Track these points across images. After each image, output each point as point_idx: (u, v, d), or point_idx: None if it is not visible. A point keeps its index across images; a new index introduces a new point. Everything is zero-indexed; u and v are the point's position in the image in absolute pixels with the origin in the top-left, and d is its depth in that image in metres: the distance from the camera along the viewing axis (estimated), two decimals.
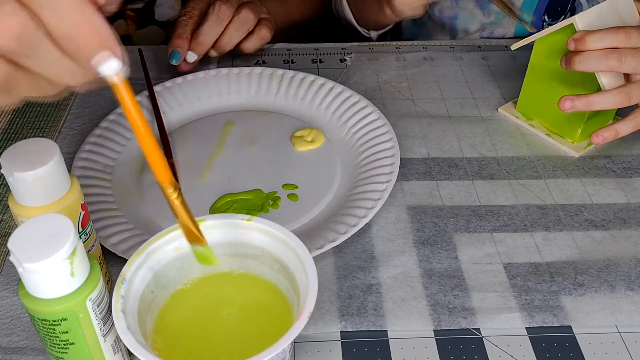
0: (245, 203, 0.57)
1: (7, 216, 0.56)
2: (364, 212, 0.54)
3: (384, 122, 0.63)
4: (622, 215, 0.57)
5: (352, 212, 0.54)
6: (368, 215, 0.53)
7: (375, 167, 0.59)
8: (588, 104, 0.57)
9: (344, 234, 0.51)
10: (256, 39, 0.72)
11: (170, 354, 0.38)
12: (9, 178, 0.39)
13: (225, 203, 0.56)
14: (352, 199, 0.56)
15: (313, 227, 0.54)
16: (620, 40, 0.54)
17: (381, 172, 0.58)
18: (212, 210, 0.56)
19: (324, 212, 0.56)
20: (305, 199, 0.57)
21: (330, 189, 0.58)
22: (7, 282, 0.50)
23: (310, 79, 0.70)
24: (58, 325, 0.36)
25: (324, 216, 0.56)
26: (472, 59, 0.78)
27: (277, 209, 0.56)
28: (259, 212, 0.55)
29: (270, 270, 0.42)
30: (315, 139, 0.63)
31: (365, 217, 0.53)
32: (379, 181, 0.57)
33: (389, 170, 0.58)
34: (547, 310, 0.48)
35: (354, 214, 0.54)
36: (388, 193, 0.55)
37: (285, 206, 0.57)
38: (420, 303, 0.49)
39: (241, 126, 0.66)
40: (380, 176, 0.58)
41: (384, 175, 0.57)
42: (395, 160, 0.59)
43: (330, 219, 0.54)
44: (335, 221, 0.54)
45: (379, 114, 0.64)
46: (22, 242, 0.34)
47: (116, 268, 0.51)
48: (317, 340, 0.47)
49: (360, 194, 0.56)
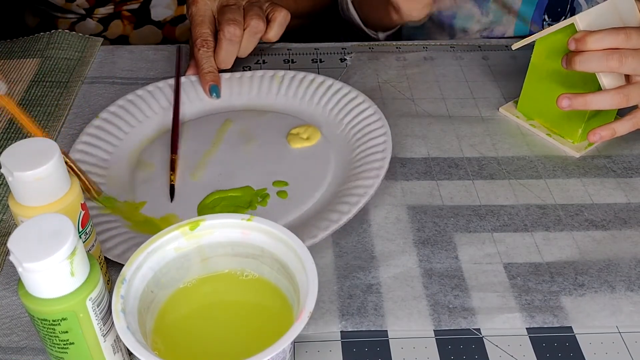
0: (233, 200, 0.57)
1: (7, 216, 0.56)
2: (347, 207, 0.53)
3: (379, 116, 0.63)
4: (622, 215, 0.57)
5: (337, 207, 0.54)
6: (352, 210, 0.53)
7: (366, 162, 0.59)
8: (585, 103, 0.57)
9: (325, 230, 0.51)
10: (277, 26, 0.71)
11: (170, 353, 0.38)
12: (9, 178, 0.39)
13: (213, 200, 0.56)
14: (339, 195, 0.56)
15: (299, 224, 0.54)
16: (621, 41, 0.54)
17: (371, 167, 0.57)
18: (201, 207, 0.56)
19: (312, 209, 0.56)
20: (294, 196, 0.57)
21: (320, 186, 0.58)
22: (7, 282, 0.50)
23: (310, 78, 0.70)
24: (58, 325, 0.36)
25: (311, 213, 0.55)
26: (473, 59, 0.78)
27: (264, 206, 0.56)
28: (247, 209, 0.55)
29: (270, 270, 0.42)
30: (311, 137, 0.63)
31: (348, 213, 0.53)
32: (369, 176, 0.56)
33: (379, 165, 0.57)
34: (548, 310, 0.48)
35: (338, 210, 0.53)
36: (375, 189, 0.55)
37: (274, 203, 0.56)
38: (421, 303, 0.49)
39: (239, 125, 0.66)
40: (371, 171, 0.57)
41: (374, 170, 0.57)
42: (386, 155, 0.58)
43: (317, 216, 0.54)
44: (320, 218, 0.53)
45: (375, 108, 0.64)
46: (22, 242, 0.34)
47: (116, 268, 0.51)
48: (317, 340, 0.47)
49: (348, 190, 0.56)
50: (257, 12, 0.70)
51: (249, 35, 0.69)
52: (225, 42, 0.67)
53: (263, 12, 0.71)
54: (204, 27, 0.69)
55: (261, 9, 0.71)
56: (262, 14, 0.70)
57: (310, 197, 0.57)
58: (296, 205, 0.56)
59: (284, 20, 0.71)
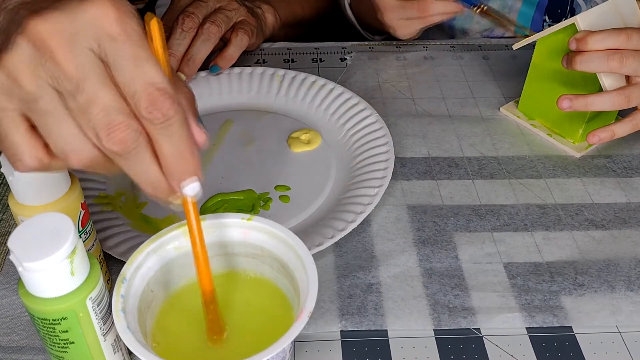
0: (236, 203, 0.57)
1: (7, 215, 0.56)
2: (352, 216, 0.53)
3: (381, 125, 0.63)
4: (622, 215, 0.57)
5: (341, 216, 0.54)
6: (357, 220, 0.53)
7: (369, 170, 0.59)
8: (586, 104, 0.57)
9: (331, 238, 0.51)
10: (233, 47, 0.70)
11: (170, 353, 0.38)
12: (9, 177, 0.39)
13: (215, 203, 0.56)
14: (343, 202, 0.56)
15: (302, 230, 0.54)
16: (622, 41, 0.54)
17: (374, 177, 0.57)
18: (203, 210, 0.56)
19: (314, 215, 0.56)
20: (296, 201, 0.57)
21: (322, 192, 0.58)
22: (7, 281, 0.50)
23: (311, 80, 0.69)
24: (58, 325, 0.36)
25: (313, 219, 0.55)
26: (473, 59, 0.78)
27: (267, 210, 0.56)
28: (250, 213, 0.55)
29: (270, 269, 0.42)
30: (312, 141, 0.63)
31: (353, 222, 0.53)
32: (371, 185, 0.56)
33: (382, 175, 0.57)
34: (547, 310, 0.48)
35: (342, 219, 0.53)
36: (379, 198, 0.55)
37: (276, 207, 0.56)
38: (420, 302, 0.49)
39: (239, 126, 0.66)
40: (373, 180, 0.57)
41: (377, 180, 0.57)
42: (389, 165, 0.58)
43: (319, 222, 0.54)
44: (323, 225, 0.53)
45: (377, 116, 0.64)
46: (22, 241, 0.34)
47: (116, 267, 0.51)
48: (317, 339, 0.47)
49: (351, 198, 0.56)
50: (221, 18, 0.69)
51: (201, 37, 0.67)
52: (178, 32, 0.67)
53: (227, 24, 0.70)
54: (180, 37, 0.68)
55: (226, 22, 0.69)
56: (224, 23, 0.69)
57: (312, 202, 0.57)
58: (299, 210, 0.56)
59: (242, 44, 0.71)
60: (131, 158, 0.32)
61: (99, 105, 0.31)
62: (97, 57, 0.31)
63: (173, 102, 0.32)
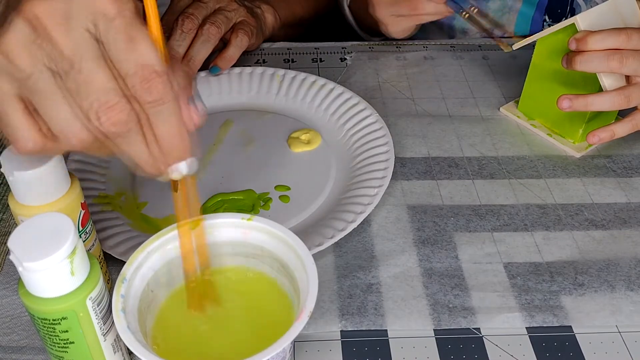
0: (236, 203, 0.57)
1: (7, 215, 0.56)
2: (352, 216, 0.53)
3: (381, 125, 0.63)
4: (622, 215, 0.57)
5: (341, 216, 0.54)
6: (357, 220, 0.53)
7: (369, 170, 0.58)
8: (586, 104, 0.57)
9: (331, 238, 0.51)
10: (233, 47, 0.70)
11: (170, 353, 0.38)
12: (9, 177, 0.39)
13: (215, 203, 0.56)
14: (343, 202, 0.56)
15: (302, 230, 0.54)
16: (622, 41, 0.54)
17: (374, 177, 0.57)
18: (203, 210, 0.56)
19: (314, 215, 0.56)
20: (296, 201, 0.57)
21: (322, 192, 0.58)
22: (7, 281, 0.50)
23: (311, 80, 0.69)
24: (58, 325, 0.36)
25: (313, 219, 0.55)
26: (473, 58, 0.78)
27: (267, 210, 0.56)
28: (250, 213, 0.55)
29: (270, 269, 0.42)
30: (312, 141, 0.63)
31: (353, 222, 0.52)
32: (371, 185, 0.56)
33: (382, 175, 0.57)
34: (547, 310, 0.48)
35: (342, 219, 0.53)
36: (379, 198, 0.55)
37: (276, 208, 0.56)
38: (420, 302, 0.49)
39: (239, 125, 0.66)
40: (373, 180, 0.57)
41: (377, 180, 0.57)
42: (389, 165, 0.58)
43: (319, 222, 0.54)
44: (323, 225, 0.53)
45: (377, 116, 0.64)
46: (22, 241, 0.34)
47: (116, 267, 0.51)
48: (317, 339, 0.47)
49: (351, 198, 0.56)
50: (221, 19, 0.69)
51: (201, 38, 0.67)
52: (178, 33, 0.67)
53: (227, 25, 0.70)
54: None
55: (226, 23, 0.69)
56: (224, 24, 0.69)
57: (312, 202, 0.57)
58: (299, 210, 0.56)
59: (242, 45, 0.71)
60: (127, 138, 0.33)
61: (94, 86, 0.31)
62: (92, 37, 0.31)
63: (165, 85, 0.32)
